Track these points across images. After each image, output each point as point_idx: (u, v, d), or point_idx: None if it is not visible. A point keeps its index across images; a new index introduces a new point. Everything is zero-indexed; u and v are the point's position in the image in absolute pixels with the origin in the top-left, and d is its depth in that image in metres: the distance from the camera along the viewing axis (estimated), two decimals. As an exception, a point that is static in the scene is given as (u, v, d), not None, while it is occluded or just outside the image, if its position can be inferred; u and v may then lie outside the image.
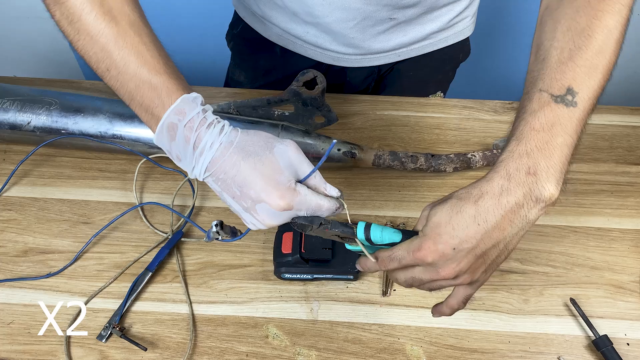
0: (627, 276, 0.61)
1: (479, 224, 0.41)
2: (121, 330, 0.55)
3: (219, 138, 0.42)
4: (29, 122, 0.66)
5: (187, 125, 0.42)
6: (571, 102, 0.42)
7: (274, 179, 0.42)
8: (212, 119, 0.43)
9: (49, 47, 1.39)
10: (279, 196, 0.42)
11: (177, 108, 0.42)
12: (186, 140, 0.42)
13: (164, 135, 0.43)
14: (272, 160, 0.43)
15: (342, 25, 0.71)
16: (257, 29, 0.81)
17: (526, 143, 0.42)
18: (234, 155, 0.42)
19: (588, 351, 0.56)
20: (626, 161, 0.71)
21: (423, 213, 0.45)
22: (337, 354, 0.55)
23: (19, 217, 0.65)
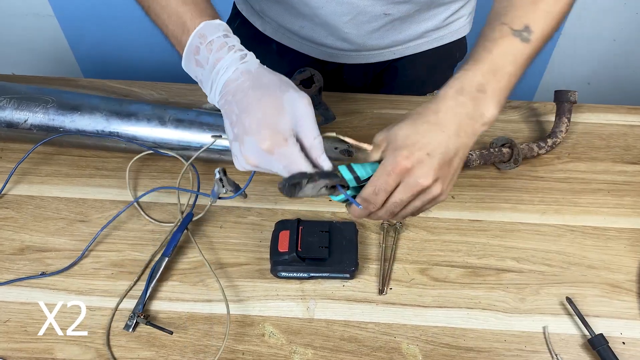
0: (623, 275, 0.61)
1: (443, 131, 0.45)
2: (146, 318, 0.56)
3: (238, 63, 0.45)
4: (26, 120, 0.65)
5: (207, 47, 0.45)
6: (526, 39, 0.48)
7: (272, 119, 0.43)
8: (233, 43, 0.46)
9: (46, 45, 1.39)
10: (267, 136, 0.42)
11: (199, 32, 0.45)
12: (206, 61, 0.45)
13: (190, 61, 0.46)
14: (279, 102, 0.43)
15: (337, 20, 0.70)
16: (255, 23, 0.81)
17: (482, 64, 0.47)
18: (247, 81, 0.44)
19: (584, 350, 0.56)
20: (623, 160, 0.71)
21: (379, 137, 0.47)
22: (334, 352, 0.55)
23: (16, 215, 0.65)
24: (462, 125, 0.45)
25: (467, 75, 0.47)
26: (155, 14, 0.49)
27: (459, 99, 0.46)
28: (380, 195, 0.45)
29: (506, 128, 0.75)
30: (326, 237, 0.59)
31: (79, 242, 0.63)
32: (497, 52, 0.47)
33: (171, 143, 0.66)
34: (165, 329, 0.55)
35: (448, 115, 0.45)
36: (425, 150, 0.44)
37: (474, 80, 0.46)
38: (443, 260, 0.62)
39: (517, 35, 0.48)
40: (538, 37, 0.49)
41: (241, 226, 0.65)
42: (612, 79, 1.42)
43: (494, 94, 0.46)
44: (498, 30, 0.48)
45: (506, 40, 0.48)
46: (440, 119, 0.45)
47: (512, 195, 0.68)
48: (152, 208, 0.66)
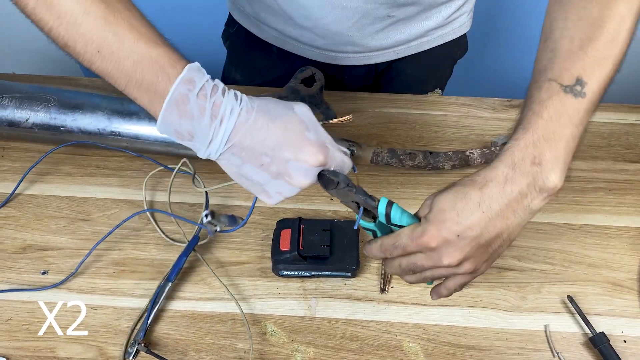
0: (624, 274, 0.61)
1: (484, 212, 0.41)
2: (147, 346, 0.54)
3: (237, 104, 0.39)
4: (28, 119, 0.65)
5: (199, 94, 0.38)
6: (580, 93, 0.42)
7: (305, 136, 0.41)
8: (222, 86, 0.40)
9: (47, 44, 1.38)
10: (315, 151, 0.40)
11: (186, 77, 0.38)
12: (201, 111, 0.38)
13: (172, 113, 0.38)
14: (299, 120, 0.41)
15: (340, 25, 0.70)
16: (253, 31, 0.80)
17: (533, 132, 0.41)
18: (259, 118, 0.39)
19: (585, 348, 0.56)
20: (624, 159, 0.71)
21: (426, 201, 0.45)
22: (335, 350, 0.56)
23: (18, 214, 0.65)
24: (511, 205, 0.41)
25: (519, 147, 0.41)
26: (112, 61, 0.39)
27: (509, 176, 0.41)
28: (396, 252, 0.44)
29: (507, 127, 0.75)
30: (327, 236, 0.60)
31: (80, 241, 0.63)
32: (548, 116, 0.41)
33: (172, 142, 0.66)
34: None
35: (493, 194, 0.41)
36: (456, 230, 0.41)
37: (526, 153, 0.41)
38: (444, 258, 0.62)
39: (568, 92, 0.42)
40: (594, 89, 0.42)
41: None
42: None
43: (553, 163, 0.41)
44: (545, 89, 0.42)
45: (556, 99, 0.42)
46: (484, 197, 0.41)
47: (513, 194, 0.68)
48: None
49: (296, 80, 0.72)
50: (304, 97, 0.72)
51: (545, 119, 0.42)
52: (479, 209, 0.41)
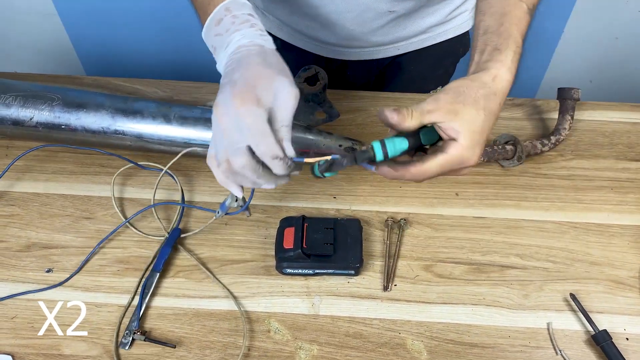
0: (626, 272, 0.61)
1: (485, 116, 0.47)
2: (143, 334, 0.55)
3: (256, 37, 0.47)
4: (32, 117, 0.66)
5: (230, 18, 0.48)
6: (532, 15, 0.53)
7: (254, 83, 0.43)
8: (256, 22, 0.49)
9: (49, 44, 1.39)
10: (242, 90, 0.43)
11: (226, 5, 0.49)
12: (227, 30, 0.48)
13: (210, 30, 0.49)
14: (270, 78, 0.44)
15: (342, 17, 0.71)
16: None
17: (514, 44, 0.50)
18: (253, 50, 0.46)
19: (587, 346, 0.56)
20: (626, 157, 0.72)
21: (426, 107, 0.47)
22: (339, 348, 0.56)
23: (22, 213, 0.65)
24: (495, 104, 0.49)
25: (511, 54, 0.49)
26: None
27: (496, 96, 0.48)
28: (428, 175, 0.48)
29: (509, 125, 0.75)
30: (331, 234, 0.60)
31: (84, 239, 0.63)
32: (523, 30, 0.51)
33: (176, 140, 0.66)
34: (167, 344, 0.55)
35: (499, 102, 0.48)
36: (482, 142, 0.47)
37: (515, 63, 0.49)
38: (447, 257, 0.62)
39: (529, 14, 0.52)
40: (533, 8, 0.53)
41: (246, 223, 0.65)
42: (614, 77, 1.42)
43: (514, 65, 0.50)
44: (519, 7, 0.52)
45: (526, 19, 0.52)
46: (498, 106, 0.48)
47: (515, 193, 0.68)
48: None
49: (299, 79, 0.73)
50: (307, 95, 0.72)
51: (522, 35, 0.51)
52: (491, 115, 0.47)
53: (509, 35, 0.50)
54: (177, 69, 1.37)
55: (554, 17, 1.28)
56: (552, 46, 1.36)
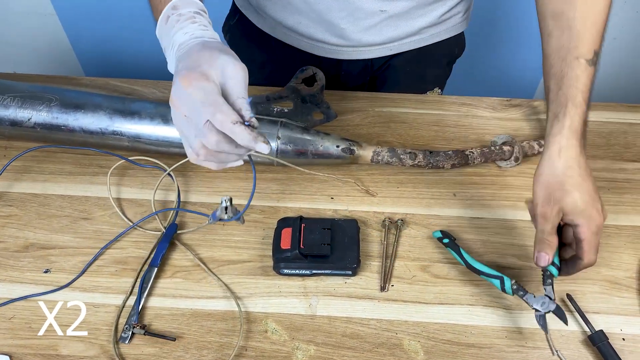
0: (622, 272, 0.62)
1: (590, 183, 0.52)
2: (143, 328, 0.56)
3: (195, 31, 0.49)
4: (30, 118, 0.66)
5: (176, 17, 0.49)
6: (595, 62, 0.53)
7: (198, 64, 0.45)
8: (201, 20, 0.50)
9: (48, 44, 1.39)
10: (186, 73, 0.44)
11: (173, 4, 0.50)
12: (172, 28, 0.49)
13: (161, 28, 0.51)
14: (213, 57, 0.45)
15: (333, 15, 0.71)
16: (253, 20, 0.81)
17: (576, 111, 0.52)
18: (193, 43, 0.48)
19: (584, 346, 0.56)
20: (623, 158, 0.72)
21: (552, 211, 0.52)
22: (336, 348, 0.56)
23: (20, 213, 0.66)
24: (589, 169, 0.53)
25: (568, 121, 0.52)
26: None
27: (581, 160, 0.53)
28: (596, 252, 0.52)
29: (507, 126, 0.75)
30: (328, 235, 0.60)
31: (82, 240, 0.63)
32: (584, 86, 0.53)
33: (174, 141, 0.66)
34: (167, 337, 0.55)
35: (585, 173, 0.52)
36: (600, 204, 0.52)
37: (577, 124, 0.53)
38: (444, 257, 0.62)
39: (592, 65, 0.53)
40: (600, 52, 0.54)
41: (243, 224, 0.65)
42: (612, 77, 1.42)
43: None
44: (576, 66, 0.53)
45: (587, 73, 0.53)
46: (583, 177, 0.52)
47: (512, 193, 0.68)
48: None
49: (297, 80, 0.73)
50: (304, 96, 0.72)
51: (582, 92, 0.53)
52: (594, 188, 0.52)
53: (567, 100, 0.52)
54: (176, 69, 1.37)
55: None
56: (550, 46, 1.36)
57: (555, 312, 0.55)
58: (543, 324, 0.55)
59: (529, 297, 0.56)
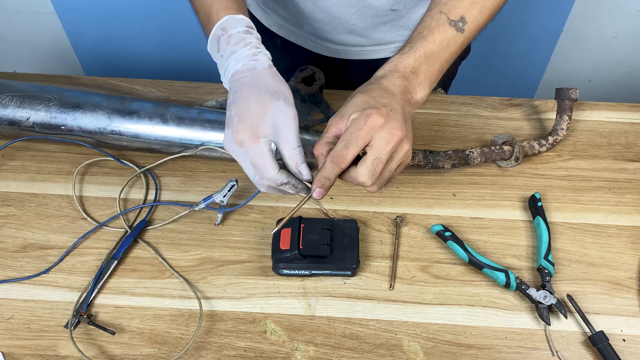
0: (623, 273, 0.61)
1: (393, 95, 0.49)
2: (89, 317, 0.56)
3: (248, 59, 0.50)
4: (28, 118, 0.66)
5: (226, 38, 0.51)
6: (460, 29, 0.53)
7: (251, 117, 0.47)
8: (251, 40, 0.51)
9: (48, 43, 1.39)
10: (241, 129, 0.47)
11: (222, 25, 0.51)
12: (224, 51, 0.51)
13: (213, 47, 0.52)
14: (265, 106, 0.47)
15: (344, 11, 0.70)
16: (259, 18, 0.81)
17: (417, 50, 0.51)
18: (247, 77, 0.49)
19: (584, 347, 0.56)
20: (624, 158, 0.71)
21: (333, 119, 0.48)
22: (335, 349, 0.56)
23: (18, 213, 0.65)
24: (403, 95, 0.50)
25: (402, 59, 0.51)
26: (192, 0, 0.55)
27: (395, 75, 0.50)
28: (351, 149, 0.45)
29: (507, 126, 0.75)
30: (328, 235, 0.60)
31: (81, 240, 0.63)
32: (432, 40, 0.52)
33: (173, 141, 0.66)
34: (107, 329, 0.55)
35: (390, 85, 0.50)
36: (388, 107, 0.47)
37: (408, 63, 0.51)
38: (444, 257, 0.62)
39: (452, 25, 0.53)
40: (471, 28, 0.54)
41: (243, 224, 0.65)
42: (613, 77, 1.41)
43: (426, 76, 0.51)
44: (436, 18, 0.53)
45: (442, 28, 0.52)
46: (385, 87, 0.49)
47: (513, 193, 0.68)
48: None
49: (296, 79, 0.72)
50: (303, 96, 0.72)
51: (429, 41, 0.52)
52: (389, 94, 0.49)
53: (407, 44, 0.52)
54: (176, 68, 1.37)
55: (552, 16, 1.27)
56: (550, 45, 1.36)
57: (556, 305, 0.57)
58: (546, 317, 0.56)
59: (532, 291, 0.57)
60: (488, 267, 0.59)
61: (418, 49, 0.51)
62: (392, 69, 0.51)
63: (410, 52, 0.51)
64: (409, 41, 0.53)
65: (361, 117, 0.46)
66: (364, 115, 0.46)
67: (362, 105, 0.47)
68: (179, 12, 1.29)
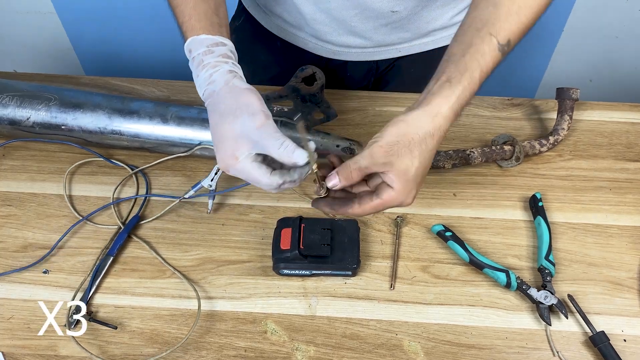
0: (624, 273, 0.61)
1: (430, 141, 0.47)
2: (89, 315, 0.56)
3: (205, 85, 0.51)
4: (29, 117, 0.66)
5: (192, 60, 0.52)
6: (505, 52, 0.51)
7: (225, 144, 0.49)
8: (208, 60, 0.51)
9: (48, 43, 1.38)
10: (219, 158, 0.49)
11: (187, 47, 0.52)
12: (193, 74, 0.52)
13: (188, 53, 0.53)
14: (231, 129, 0.48)
15: (345, 13, 0.70)
16: (259, 20, 0.80)
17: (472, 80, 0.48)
18: (209, 106, 0.51)
19: (585, 347, 0.56)
20: (625, 158, 0.71)
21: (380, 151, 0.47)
22: (335, 349, 0.56)
23: (19, 213, 0.65)
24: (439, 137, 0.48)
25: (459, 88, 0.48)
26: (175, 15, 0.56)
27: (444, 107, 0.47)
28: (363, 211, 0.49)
29: (508, 125, 0.75)
30: (328, 235, 0.60)
31: (82, 240, 0.63)
32: (487, 69, 0.50)
33: (173, 140, 0.66)
34: (108, 325, 0.55)
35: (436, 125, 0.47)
36: (418, 177, 0.47)
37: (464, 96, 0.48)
38: (444, 257, 0.62)
39: (500, 50, 0.50)
40: (509, 51, 0.51)
41: (243, 224, 0.65)
42: (614, 76, 1.41)
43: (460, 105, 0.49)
44: (487, 41, 0.50)
45: (494, 55, 0.50)
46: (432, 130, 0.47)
47: (513, 193, 0.68)
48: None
49: (296, 79, 0.72)
50: (304, 95, 0.72)
51: (483, 71, 0.49)
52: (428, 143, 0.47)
53: (466, 69, 0.48)
54: (176, 68, 1.36)
55: (553, 15, 1.27)
56: (551, 45, 1.35)
57: (557, 305, 0.56)
58: (547, 317, 0.56)
59: (533, 291, 0.57)
60: (489, 267, 0.58)
61: (474, 79, 0.48)
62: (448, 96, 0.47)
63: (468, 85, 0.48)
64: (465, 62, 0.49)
65: (383, 191, 0.47)
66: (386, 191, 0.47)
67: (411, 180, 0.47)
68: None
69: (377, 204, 0.48)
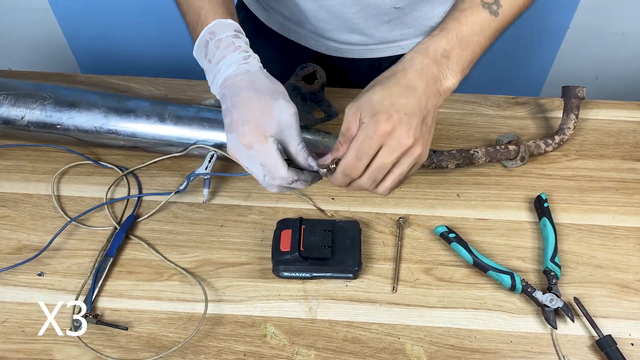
0: (632, 275, 0.60)
1: (415, 92, 0.46)
2: (95, 317, 0.55)
3: (240, 62, 0.49)
4: (23, 116, 0.64)
5: (215, 43, 0.50)
6: (494, 12, 0.50)
7: (256, 119, 0.47)
8: (240, 44, 0.50)
9: (43, 40, 1.37)
10: (248, 131, 0.47)
11: (210, 29, 0.50)
12: (213, 56, 0.50)
13: (200, 52, 0.51)
14: (267, 107, 0.47)
15: (345, 10, 0.69)
16: (260, 16, 0.79)
17: (448, 32, 0.49)
18: (243, 81, 0.48)
19: (592, 351, 0.55)
20: (632, 157, 0.70)
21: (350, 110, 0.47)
22: (336, 353, 0.55)
23: (13, 214, 0.64)
24: (430, 86, 0.47)
25: (433, 41, 0.49)
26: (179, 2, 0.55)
27: (424, 62, 0.48)
28: (363, 160, 0.46)
29: (513, 125, 0.73)
30: (329, 237, 0.58)
31: (77, 241, 0.62)
32: (465, 22, 0.49)
33: (171, 140, 0.64)
34: (118, 326, 0.54)
35: (416, 77, 0.47)
36: (403, 110, 0.45)
37: (439, 46, 0.48)
38: (448, 259, 0.61)
39: (486, 8, 0.50)
40: (506, 13, 0.51)
41: (242, 225, 0.64)
42: (621, 74, 1.39)
43: (458, 60, 0.49)
44: (469, 0, 0.50)
45: (475, 11, 0.50)
46: (409, 80, 0.47)
47: (518, 194, 0.66)
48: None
49: (297, 77, 0.71)
50: (304, 94, 0.70)
51: (462, 24, 0.49)
52: (410, 90, 0.46)
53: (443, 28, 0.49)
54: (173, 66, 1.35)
55: (559, 12, 1.26)
56: (557, 42, 1.34)
57: (563, 308, 0.55)
58: (553, 320, 0.55)
59: (538, 294, 0.56)
60: (493, 269, 0.57)
61: (450, 30, 0.49)
62: (422, 52, 0.48)
63: (442, 34, 0.49)
64: (441, 23, 0.50)
65: (371, 124, 0.45)
66: (374, 122, 0.45)
67: (376, 106, 0.46)
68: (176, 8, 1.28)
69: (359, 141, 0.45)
